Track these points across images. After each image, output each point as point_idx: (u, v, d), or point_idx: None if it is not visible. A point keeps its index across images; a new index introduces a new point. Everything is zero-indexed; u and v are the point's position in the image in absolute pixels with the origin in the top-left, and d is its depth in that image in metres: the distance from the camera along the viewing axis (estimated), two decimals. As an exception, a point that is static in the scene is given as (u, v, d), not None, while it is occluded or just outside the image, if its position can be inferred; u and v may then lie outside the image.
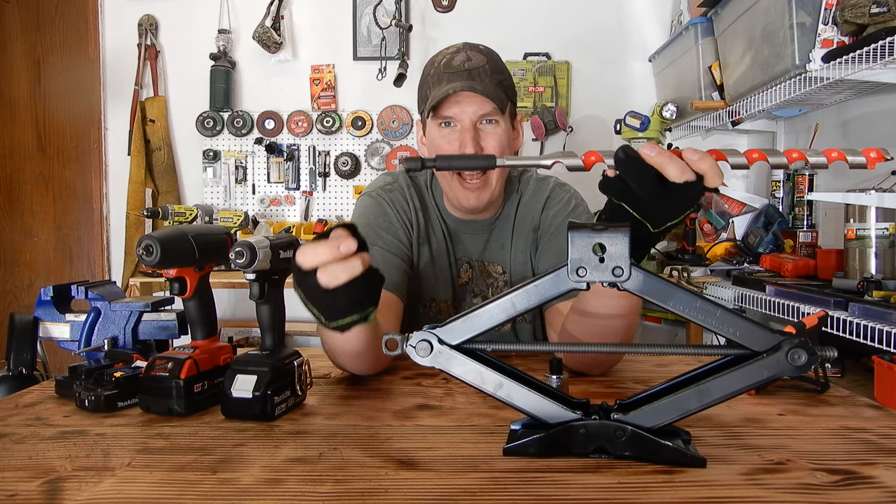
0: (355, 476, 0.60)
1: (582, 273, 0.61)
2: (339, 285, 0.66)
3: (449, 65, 1.12)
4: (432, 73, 1.14)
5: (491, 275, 1.26)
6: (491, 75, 1.11)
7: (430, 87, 1.13)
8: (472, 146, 1.09)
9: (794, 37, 1.91)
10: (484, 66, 1.11)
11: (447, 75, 1.10)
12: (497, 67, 1.13)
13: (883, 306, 1.47)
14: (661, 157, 0.64)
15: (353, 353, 0.89)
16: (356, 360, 0.92)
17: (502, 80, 1.13)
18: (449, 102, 1.10)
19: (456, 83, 1.08)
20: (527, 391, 0.64)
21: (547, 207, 1.23)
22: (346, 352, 0.90)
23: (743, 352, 0.61)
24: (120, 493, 0.57)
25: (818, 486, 0.57)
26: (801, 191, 2.50)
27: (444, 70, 1.11)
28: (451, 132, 1.12)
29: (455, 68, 1.11)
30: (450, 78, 1.10)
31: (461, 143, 1.10)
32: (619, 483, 0.58)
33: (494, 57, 1.15)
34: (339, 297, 0.68)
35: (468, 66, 1.10)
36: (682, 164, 0.64)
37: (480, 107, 1.10)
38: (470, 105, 1.10)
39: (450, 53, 1.14)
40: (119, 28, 3.28)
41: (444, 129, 1.13)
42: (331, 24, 3.24)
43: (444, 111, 1.11)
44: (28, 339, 1.02)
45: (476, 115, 1.10)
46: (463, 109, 1.10)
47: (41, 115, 3.39)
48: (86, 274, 3.38)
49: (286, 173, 3.25)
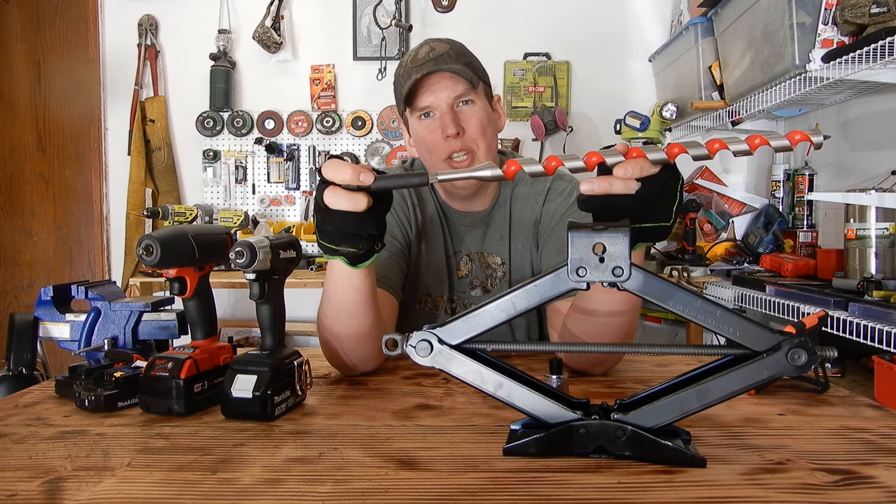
0: (355, 476, 0.60)
1: (582, 273, 0.61)
2: (337, 210, 0.73)
3: (415, 59, 1.13)
4: (402, 72, 1.16)
5: (490, 266, 1.26)
6: (456, 59, 1.13)
7: (402, 84, 1.15)
8: (453, 128, 1.11)
9: (794, 37, 1.91)
10: (448, 52, 1.13)
11: (415, 69, 1.12)
12: (461, 51, 1.15)
13: (883, 306, 1.47)
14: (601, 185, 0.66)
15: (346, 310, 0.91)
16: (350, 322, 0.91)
17: (469, 62, 1.14)
18: (422, 91, 1.12)
19: (423, 69, 1.10)
20: (527, 391, 0.64)
21: (548, 200, 1.23)
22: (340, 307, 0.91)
23: (743, 352, 0.61)
24: (120, 493, 0.57)
25: (818, 486, 0.57)
26: (801, 191, 2.50)
27: (411, 65, 1.13)
28: (431, 122, 1.14)
29: (421, 60, 1.12)
30: (418, 70, 1.12)
31: (443, 129, 1.12)
32: (619, 483, 0.58)
33: (457, 44, 1.17)
34: (335, 223, 0.75)
35: (432, 55, 1.12)
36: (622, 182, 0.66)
37: (453, 89, 1.12)
38: (442, 90, 1.12)
39: (414, 51, 1.16)
40: (119, 28, 3.28)
41: (424, 120, 1.15)
42: (331, 24, 3.24)
43: (420, 101, 1.13)
44: (28, 339, 1.02)
45: (451, 98, 1.12)
46: (437, 96, 1.12)
47: (41, 115, 3.39)
48: (86, 274, 3.38)
49: (286, 173, 3.25)
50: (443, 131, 1.12)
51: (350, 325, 0.92)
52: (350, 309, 0.91)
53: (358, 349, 0.95)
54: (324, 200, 0.73)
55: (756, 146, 0.64)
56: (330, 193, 0.73)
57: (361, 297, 0.90)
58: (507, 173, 0.68)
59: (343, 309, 0.92)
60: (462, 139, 1.12)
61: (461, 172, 0.70)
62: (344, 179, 0.72)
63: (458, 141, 1.12)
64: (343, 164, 0.72)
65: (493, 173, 0.69)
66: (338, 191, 0.72)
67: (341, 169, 0.72)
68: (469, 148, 1.13)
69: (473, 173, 0.69)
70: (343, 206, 0.73)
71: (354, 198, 0.72)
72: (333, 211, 0.73)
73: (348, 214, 0.73)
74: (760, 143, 0.64)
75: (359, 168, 0.71)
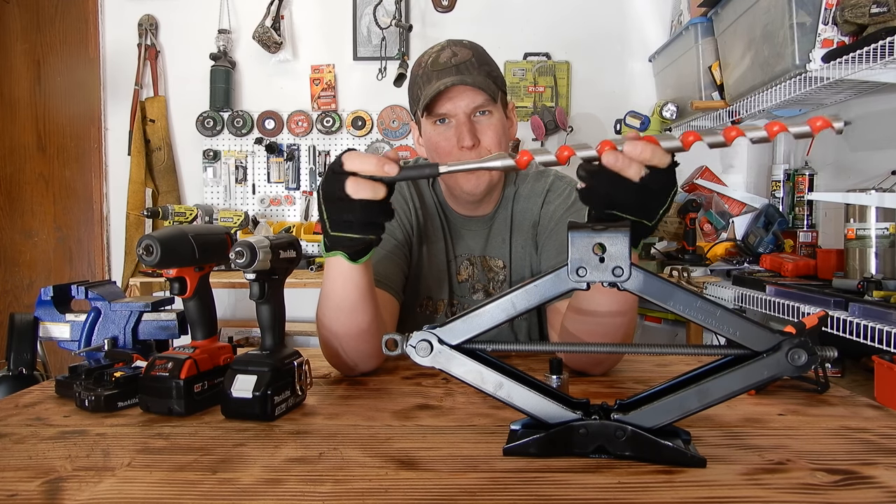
0: (355, 476, 0.60)
1: (582, 273, 0.61)
2: (358, 199, 0.74)
3: (436, 62, 1.12)
4: (421, 73, 1.15)
5: (492, 269, 1.26)
6: (479, 67, 1.12)
7: (420, 87, 1.14)
8: (469, 140, 1.10)
9: (794, 37, 1.91)
10: (471, 60, 1.12)
11: (436, 73, 1.11)
12: (483, 59, 1.14)
13: (883, 306, 1.47)
14: (617, 163, 0.67)
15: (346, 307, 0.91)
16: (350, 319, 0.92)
17: (490, 71, 1.14)
18: (441, 99, 1.11)
19: (446, 79, 1.09)
20: (527, 391, 0.64)
21: (547, 202, 1.23)
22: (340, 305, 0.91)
23: (743, 352, 0.61)
24: (120, 493, 0.57)
25: (818, 486, 0.57)
26: (802, 191, 2.50)
27: (431, 68, 1.12)
28: (446, 129, 1.13)
29: (442, 65, 1.11)
30: (439, 75, 1.11)
31: (458, 138, 1.11)
32: (619, 483, 0.58)
33: (480, 50, 1.16)
34: (357, 213, 0.76)
35: (455, 61, 1.11)
36: (636, 164, 0.67)
37: (472, 99, 1.11)
38: (462, 99, 1.11)
39: (435, 52, 1.15)
40: (119, 28, 3.28)
41: (439, 126, 1.14)
42: (331, 24, 3.24)
43: (438, 108, 1.12)
44: (28, 339, 1.02)
45: (469, 108, 1.11)
46: (456, 104, 1.11)
47: (41, 115, 3.39)
48: (86, 274, 3.38)
49: (286, 173, 3.25)
50: (458, 141, 1.11)
51: (350, 322, 0.93)
52: (349, 306, 0.91)
53: (357, 347, 0.95)
54: (345, 191, 0.75)
55: (775, 133, 0.62)
56: (353, 183, 0.75)
57: (361, 292, 0.91)
58: (520, 163, 0.68)
59: (343, 306, 0.92)
60: (476, 150, 1.12)
61: (472, 163, 0.71)
62: (368, 170, 0.74)
63: (472, 152, 1.12)
64: (366, 155, 0.75)
65: (504, 164, 0.69)
66: (360, 180, 0.75)
67: (367, 160, 0.75)
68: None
69: (485, 164, 0.70)
70: (366, 195, 0.75)
71: (376, 187, 0.75)
72: (355, 201, 0.75)
73: (370, 203, 0.76)
74: (779, 129, 0.62)
75: (384, 160, 0.74)
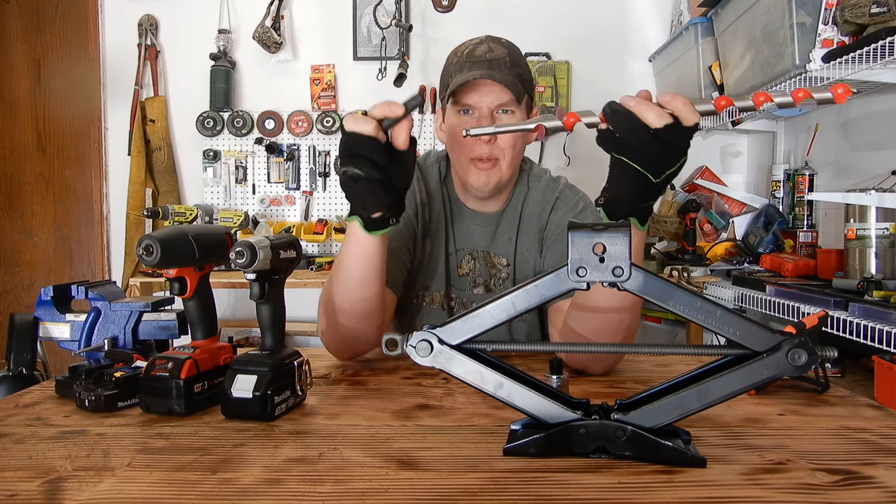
0: (355, 476, 0.60)
1: (582, 273, 0.62)
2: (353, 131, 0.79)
3: (472, 54, 1.15)
4: (455, 61, 1.17)
5: (495, 266, 1.28)
6: (510, 67, 1.13)
7: (451, 74, 1.17)
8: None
9: (794, 37, 1.91)
10: (504, 58, 1.14)
11: (469, 64, 1.13)
12: (517, 61, 1.16)
13: (883, 306, 1.47)
14: (640, 105, 0.71)
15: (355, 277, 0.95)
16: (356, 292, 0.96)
17: (521, 73, 1.15)
18: (468, 90, 1.13)
19: (476, 71, 1.11)
20: (527, 391, 0.64)
21: (555, 209, 1.25)
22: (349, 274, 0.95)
23: (743, 352, 0.61)
24: (120, 493, 0.57)
25: (818, 486, 0.57)
26: (802, 191, 2.50)
27: (465, 59, 1.15)
28: (468, 119, 1.15)
29: (477, 58, 1.14)
30: (471, 67, 1.13)
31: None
32: (619, 483, 0.58)
33: (515, 50, 1.18)
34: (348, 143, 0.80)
35: (489, 56, 1.13)
36: (659, 109, 0.70)
37: (498, 96, 1.13)
38: (488, 94, 1.13)
39: (473, 44, 1.17)
40: (119, 28, 3.28)
41: (462, 116, 1.16)
42: (331, 24, 3.24)
43: (464, 98, 1.14)
44: (28, 339, 1.02)
45: (494, 104, 1.13)
46: (481, 98, 1.13)
47: (41, 115, 3.39)
48: (86, 274, 3.38)
49: (286, 173, 3.25)
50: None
51: (354, 295, 0.96)
52: (358, 276, 0.95)
53: (358, 323, 0.98)
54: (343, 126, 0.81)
55: (800, 99, 0.67)
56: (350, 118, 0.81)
57: (371, 266, 0.94)
58: (567, 124, 0.73)
59: (352, 275, 0.95)
60: (492, 146, 1.14)
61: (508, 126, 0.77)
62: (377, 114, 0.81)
63: (488, 147, 1.14)
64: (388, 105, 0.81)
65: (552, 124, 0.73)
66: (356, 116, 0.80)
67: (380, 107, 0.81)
68: (495, 156, 1.15)
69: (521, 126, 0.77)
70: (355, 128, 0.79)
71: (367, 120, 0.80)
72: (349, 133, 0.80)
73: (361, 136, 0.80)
74: (804, 95, 0.67)
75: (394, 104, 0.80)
